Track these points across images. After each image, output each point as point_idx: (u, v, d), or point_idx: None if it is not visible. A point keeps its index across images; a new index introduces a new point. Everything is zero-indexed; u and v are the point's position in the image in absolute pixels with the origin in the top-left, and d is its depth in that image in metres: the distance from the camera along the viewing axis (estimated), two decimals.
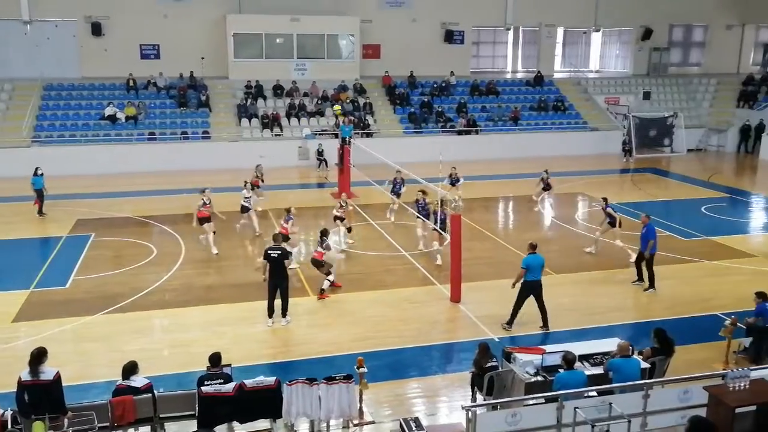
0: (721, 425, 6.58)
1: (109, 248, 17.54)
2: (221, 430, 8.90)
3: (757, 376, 7.40)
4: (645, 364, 9.31)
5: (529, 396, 8.54)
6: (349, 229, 17.90)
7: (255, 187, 19.39)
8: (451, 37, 34.48)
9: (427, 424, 8.86)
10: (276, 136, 29.28)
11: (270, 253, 12.53)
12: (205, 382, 8.62)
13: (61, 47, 30.54)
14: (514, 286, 12.50)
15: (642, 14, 36.59)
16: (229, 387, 8.57)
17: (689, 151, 32.84)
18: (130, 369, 8.76)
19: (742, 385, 7.06)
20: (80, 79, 30.49)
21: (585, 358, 9.41)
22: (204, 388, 8.52)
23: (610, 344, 9.59)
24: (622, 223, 16.88)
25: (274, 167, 25.12)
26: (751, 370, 7.46)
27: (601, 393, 7.87)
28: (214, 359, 8.89)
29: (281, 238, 13.58)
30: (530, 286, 12.38)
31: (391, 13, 33.40)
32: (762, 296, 11.39)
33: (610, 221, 16.73)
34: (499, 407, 8.55)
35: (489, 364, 9.44)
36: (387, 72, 32.91)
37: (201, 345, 11.59)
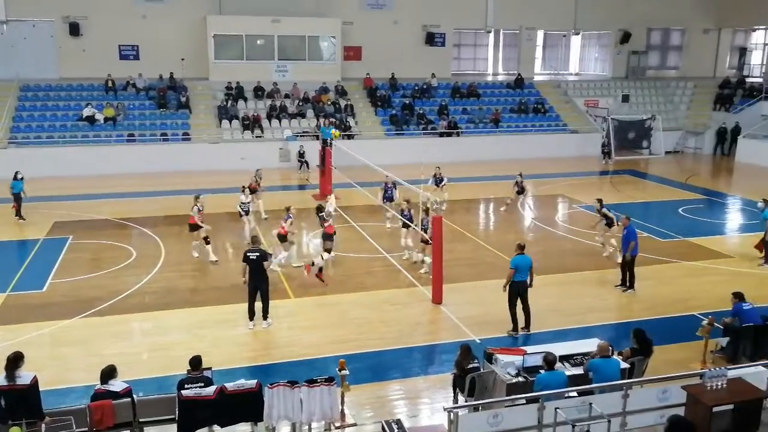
0: (699, 424, 6.65)
1: (88, 251, 17.33)
2: None
3: (734, 376, 7.49)
4: (624, 365, 9.41)
5: (511, 397, 8.58)
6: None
7: (254, 192, 19.15)
8: (432, 40, 34.59)
9: (409, 426, 8.87)
10: (257, 137, 29.16)
11: (249, 255, 12.46)
12: (186, 386, 8.54)
13: (39, 47, 30.20)
14: (506, 289, 12.46)
15: (621, 18, 37.01)
16: (210, 390, 8.50)
17: (667, 153, 33.27)
18: (109, 373, 8.66)
19: (720, 384, 7.15)
20: (58, 80, 30.14)
21: (565, 358, 9.48)
22: (184, 392, 8.44)
23: (590, 345, 9.67)
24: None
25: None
26: (729, 369, 7.55)
27: (581, 393, 7.92)
28: (195, 362, 8.79)
29: (260, 240, 13.47)
30: (517, 287, 12.42)
31: (372, 15, 33.41)
32: (738, 296, 11.56)
33: (607, 222, 16.87)
34: (480, 408, 8.57)
35: (471, 366, 9.47)
36: (368, 74, 32.91)
37: (181, 348, 11.51)
